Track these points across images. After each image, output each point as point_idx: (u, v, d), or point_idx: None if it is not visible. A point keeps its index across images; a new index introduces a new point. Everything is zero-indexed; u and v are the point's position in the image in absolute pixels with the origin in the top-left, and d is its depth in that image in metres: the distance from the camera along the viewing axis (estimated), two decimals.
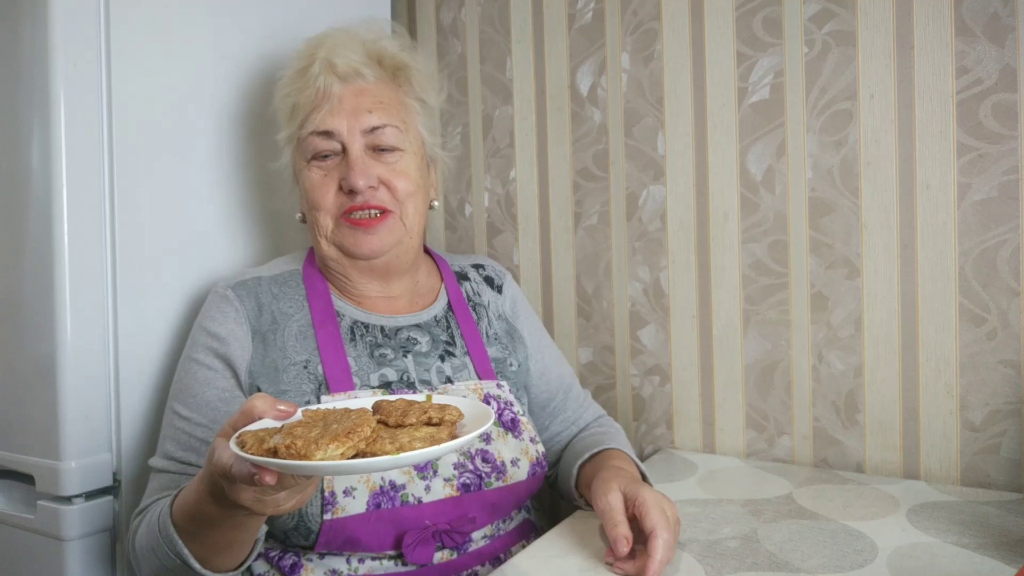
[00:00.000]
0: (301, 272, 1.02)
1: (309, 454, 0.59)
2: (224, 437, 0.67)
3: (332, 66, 0.96)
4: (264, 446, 0.61)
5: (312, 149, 0.96)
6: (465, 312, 1.07)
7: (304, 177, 0.98)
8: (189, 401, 0.92)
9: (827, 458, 1.15)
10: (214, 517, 0.73)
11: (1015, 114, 1.00)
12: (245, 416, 0.68)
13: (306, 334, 0.95)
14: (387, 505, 0.86)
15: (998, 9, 1.00)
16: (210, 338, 0.94)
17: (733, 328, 1.21)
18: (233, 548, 0.78)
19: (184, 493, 0.78)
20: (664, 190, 1.25)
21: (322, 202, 0.96)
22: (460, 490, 0.90)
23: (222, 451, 0.66)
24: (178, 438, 0.91)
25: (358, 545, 0.86)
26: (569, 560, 0.83)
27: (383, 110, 0.97)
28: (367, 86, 0.98)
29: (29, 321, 0.96)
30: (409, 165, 0.98)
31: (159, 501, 0.86)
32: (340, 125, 0.95)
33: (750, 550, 0.84)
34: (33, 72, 0.94)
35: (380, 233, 0.96)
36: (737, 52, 1.18)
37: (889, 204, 1.08)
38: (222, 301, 0.96)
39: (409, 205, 0.98)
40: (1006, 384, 1.02)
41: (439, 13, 1.48)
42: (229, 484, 0.66)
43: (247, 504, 0.67)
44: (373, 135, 0.96)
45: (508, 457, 0.94)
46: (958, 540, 0.86)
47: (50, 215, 0.93)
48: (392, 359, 0.97)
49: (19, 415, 0.98)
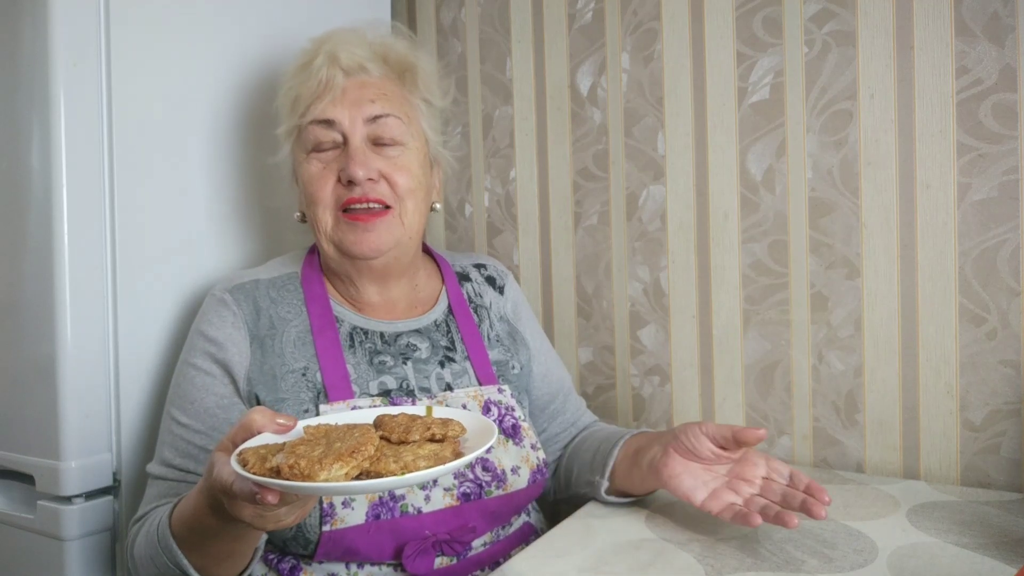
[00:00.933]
0: (300, 275, 1.00)
1: (313, 475, 0.58)
2: (224, 451, 0.67)
3: (336, 59, 0.95)
4: (267, 465, 0.61)
5: (312, 139, 0.94)
6: (466, 314, 1.05)
7: (303, 170, 0.96)
8: (187, 407, 0.91)
9: (827, 458, 1.15)
10: (213, 529, 0.73)
11: (1015, 114, 1.00)
12: (244, 430, 0.67)
13: (304, 340, 0.94)
14: (386, 516, 0.85)
15: (998, 9, 1.00)
16: (208, 343, 0.93)
17: (733, 328, 1.21)
18: (233, 558, 0.78)
19: (183, 504, 0.77)
20: (664, 190, 1.25)
21: (320, 194, 0.94)
22: (460, 499, 0.89)
23: (222, 467, 0.65)
24: (176, 444, 0.90)
25: (357, 555, 0.86)
26: (569, 560, 0.83)
27: (386, 100, 0.95)
28: (371, 80, 0.97)
29: (29, 321, 0.96)
30: (411, 160, 0.96)
31: (157, 509, 0.85)
32: (341, 114, 0.93)
33: (750, 550, 0.84)
34: (33, 72, 0.94)
35: (378, 230, 0.93)
36: (737, 52, 1.18)
37: (889, 204, 1.08)
38: (220, 305, 0.94)
39: (409, 202, 0.95)
40: (1006, 384, 1.02)
41: (439, 13, 1.48)
42: (229, 500, 0.66)
43: (248, 520, 0.67)
44: (375, 124, 0.94)
45: (509, 465, 0.93)
46: (958, 540, 0.86)
47: (50, 215, 0.93)
48: (391, 366, 0.96)
49: (19, 415, 0.98)
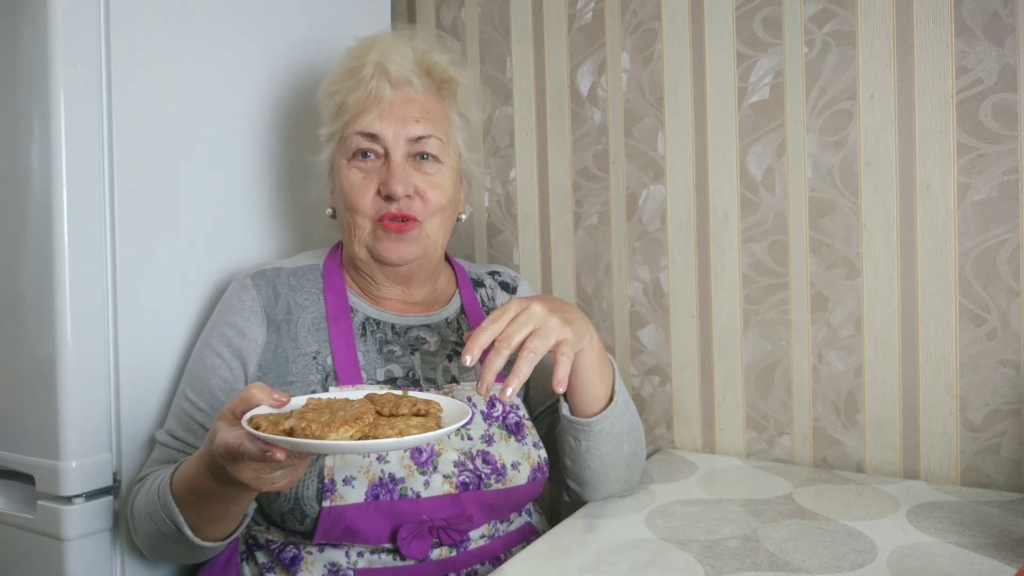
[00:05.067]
0: (321, 267, 1.04)
1: (323, 435, 0.68)
2: (224, 420, 0.75)
3: (385, 71, 0.98)
4: (280, 428, 0.71)
5: (355, 147, 0.98)
6: (478, 315, 1.08)
7: (343, 176, 0.99)
8: (196, 385, 0.97)
9: (827, 458, 1.15)
10: (211, 491, 0.80)
11: (1015, 114, 1.00)
12: (243, 402, 0.75)
13: (319, 326, 0.98)
14: (385, 497, 0.87)
15: (998, 9, 1.00)
16: (229, 328, 0.98)
17: (733, 328, 1.21)
18: (225, 519, 0.85)
19: (183, 467, 0.85)
20: (664, 190, 1.25)
21: (360, 204, 0.98)
22: (459, 488, 0.91)
23: (225, 433, 0.73)
24: (181, 418, 0.96)
25: (356, 535, 0.87)
26: (569, 560, 0.83)
27: (429, 121, 0.99)
28: (416, 95, 1.00)
29: (29, 321, 0.96)
30: (445, 179, 1.00)
31: (158, 471, 0.91)
32: (387, 131, 0.97)
33: (750, 550, 0.84)
34: (33, 72, 0.94)
35: (407, 240, 0.97)
36: (737, 52, 1.18)
37: (889, 204, 1.08)
38: (241, 290, 1.00)
39: (437, 218, 0.99)
40: (1006, 384, 1.02)
41: (439, 13, 1.48)
42: (231, 462, 0.73)
43: (245, 480, 0.74)
44: (417, 144, 0.98)
45: (509, 460, 0.95)
46: (958, 540, 0.86)
47: (50, 215, 0.93)
48: (399, 356, 1.00)
49: (19, 415, 0.98)
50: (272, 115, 1.18)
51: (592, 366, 0.92)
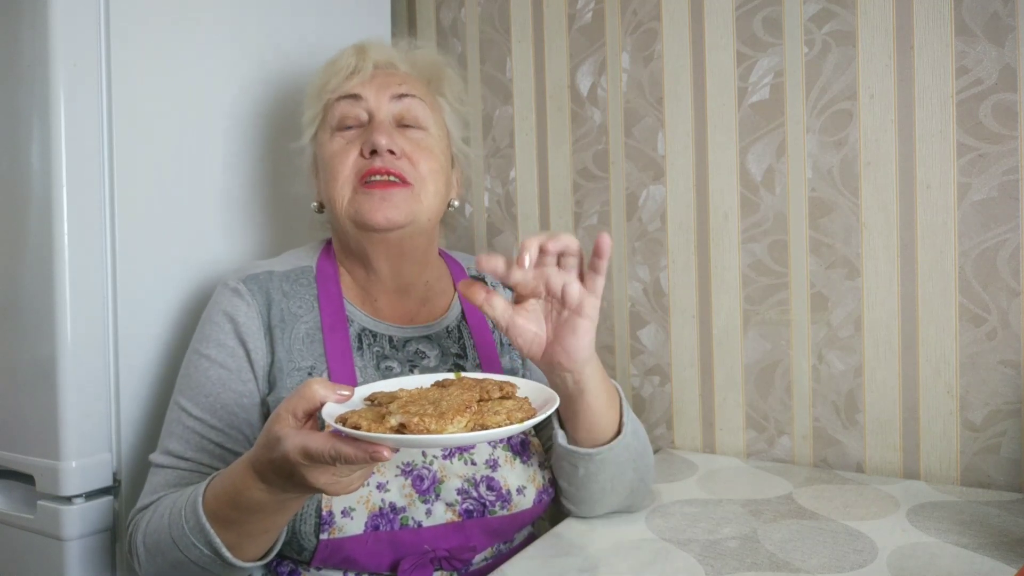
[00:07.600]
0: (314, 269, 0.99)
1: (440, 429, 0.63)
2: (283, 424, 0.69)
3: (366, 53, 0.98)
4: (387, 424, 0.65)
5: (338, 116, 0.96)
6: (479, 319, 1.03)
7: (326, 149, 0.96)
8: (201, 400, 0.89)
9: (827, 458, 1.15)
10: (261, 503, 0.74)
11: (1015, 114, 1.00)
12: (306, 401, 0.69)
13: (314, 338, 0.93)
14: (385, 527, 0.84)
15: (998, 9, 1.00)
16: (229, 322, 0.91)
17: (733, 328, 1.21)
18: (269, 533, 0.79)
19: (219, 483, 0.78)
20: (664, 190, 1.25)
21: (340, 168, 0.93)
22: (462, 516, 0.87)
23: (302, 438, 0.67)
24: (188, 438, 0.88)
25: (355, 564, 0.85)
26: (569, 560, 0.83)
27: (412, 85, 0.98)
28: (399, 72, 1.00)
29: (29, 321, 0.96)
30: (434, 145, 0.97)
31: (166, 496, 0.84)
32: (368, 91, 0.95)
33: (750, 550, 0.84)
34: (33, 72, 0.94)
35: (395, 200, 0.91)
36: (737, 52, 1.18)
37: (889, 204, 1.08)
38: (234, 295, 0.93)
39: (430, 184, 0.94)
40: (1006, 384, 1.02)
41: (439, 13, 1.48)
42: (309, 468, 0.68)
43: (321, 485, 0.69)
44: (401, 104, 0.96)
45: (515, 485, 0.91)
46: (958, 540, 0.86)
47: (50, 215, 0.93)
48: (397, 373, 0.94)
49: (19, 415, 0.98)
50: (276, 116, 1.18)
51: (598, 385, 0.86)
